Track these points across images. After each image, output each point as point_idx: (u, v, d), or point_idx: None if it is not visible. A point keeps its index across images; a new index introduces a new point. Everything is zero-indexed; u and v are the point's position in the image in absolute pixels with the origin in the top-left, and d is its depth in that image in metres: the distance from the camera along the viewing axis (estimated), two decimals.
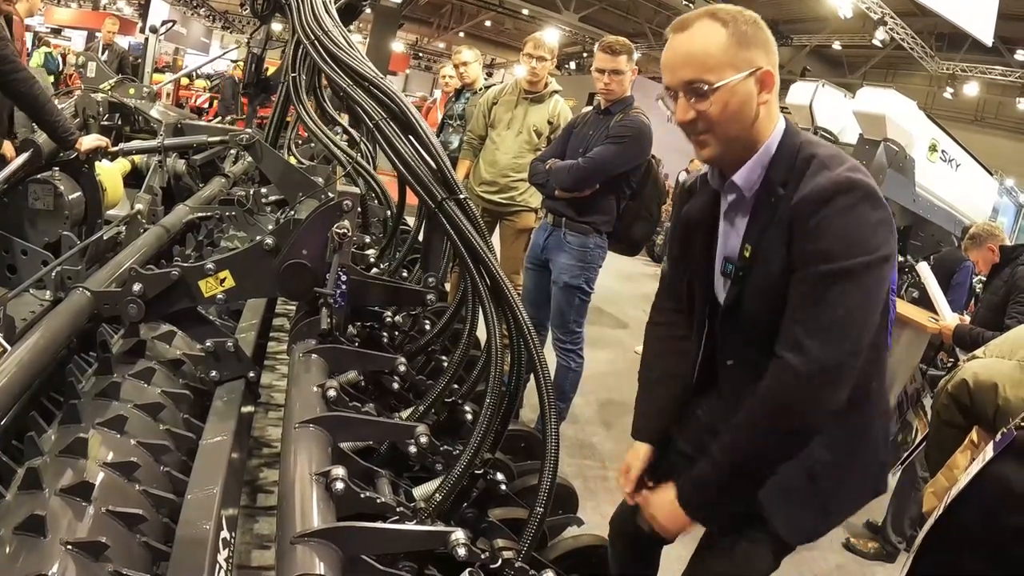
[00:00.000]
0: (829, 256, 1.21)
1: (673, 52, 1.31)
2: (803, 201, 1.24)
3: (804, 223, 1.23)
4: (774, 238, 1.29)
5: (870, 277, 1.23)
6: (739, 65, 1.26)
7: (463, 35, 25.28)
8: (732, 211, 1.40)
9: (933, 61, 15.99)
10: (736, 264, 1.37)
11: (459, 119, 4.78)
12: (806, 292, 1.24)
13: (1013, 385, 1.49)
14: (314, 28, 2.09)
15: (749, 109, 1.29)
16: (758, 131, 1.32)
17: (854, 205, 1.21)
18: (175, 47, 19.82)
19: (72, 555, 1.08)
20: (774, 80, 1.30)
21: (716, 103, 1.26)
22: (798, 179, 1.27)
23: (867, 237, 1.22)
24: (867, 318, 1.24)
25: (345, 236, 1.61)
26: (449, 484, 1.30)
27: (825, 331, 1.22)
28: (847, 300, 1.21)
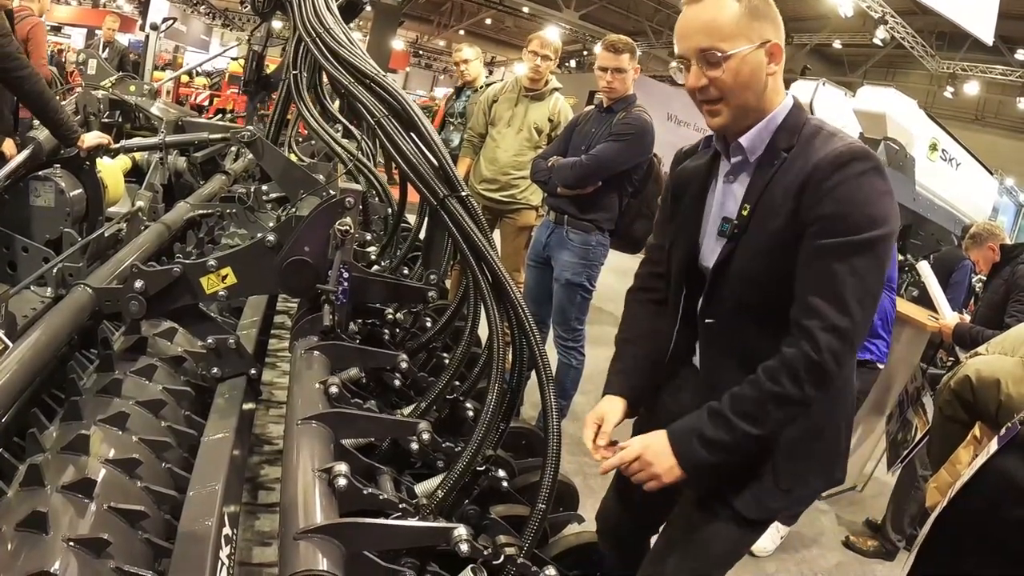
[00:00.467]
0: (848, 225, 1.24)
1: (687, 21, 1.35)
2: (820, 163, 1.27)
3: (819, 185, 1.26)
4: (777, 197, 1.32)
5: (883, 248, 1.27)
6: (751, 36, 1.30)
7: (463, 33, 25.26)
8: (733, 173, 1.43)
9: (933, 60, 15.99)
10: (732, 221, 1.40)
11: (460, 117, 4.79)
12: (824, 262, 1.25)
13: (1015, 381, 1.49)
14: (315, 25, 2.09)
15: (759, 79, 1.33)
16: (767, 100, 1.36)
17: (867, 172, 1.25)
18: (175, 45, 19.80)
19: (74, 552, 1.08)
20: (782, 53, 1.34)
21: (728, 71, 1.30)
22: (804, 146, 1.32)
23: (882, 208, 1.25)
24: (880, 287, 1.28)
25: (347, 233, 1.61)
26: (451, 481, 1.31)
27: (846, 301, 1.24)
28: (866, 271, 1.24)
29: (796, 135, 1.35)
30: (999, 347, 1.62)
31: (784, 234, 1.30)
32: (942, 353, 3.98)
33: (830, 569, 2.95)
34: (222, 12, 24.96)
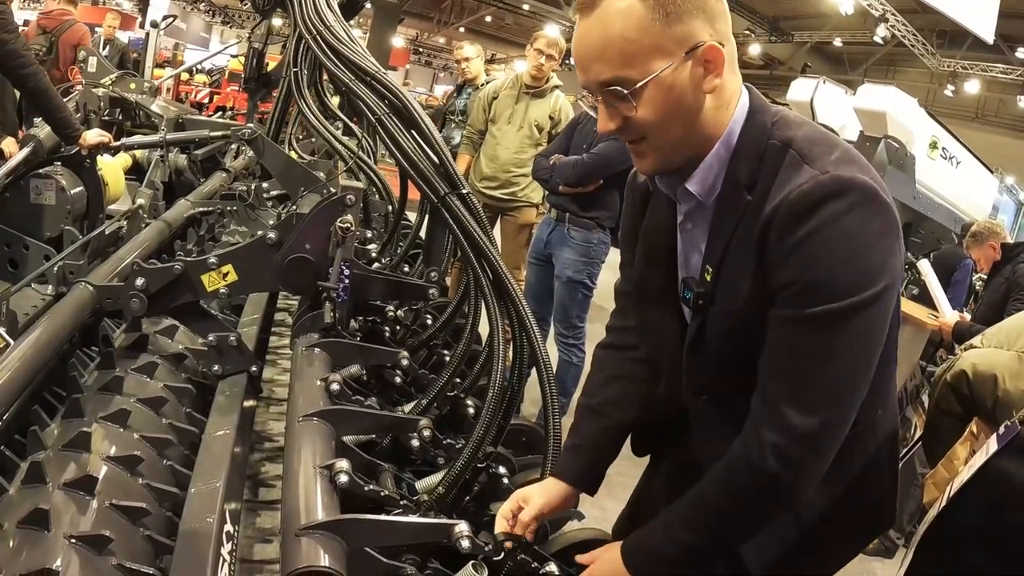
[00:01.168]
0: (821, 292, 0.93)
1: (580, 43, 1.00)
2: (778, 211, 0.95)
3: (780, 241, 0.95)
4: (740, 257, 1.01)
5: (873, 313, 0.95)
6: (668, 48, 0.95)
7: (463, 30, 25.24)
8: (689, 222, 1.12)
9: (934, 58, 15.98)
10: (695, 290, 1.10)
11: (461, 114, 4.79)
12: (791, 343, 0.97)
13: (1012, 376, 1.48)
14: (316, 23, 2.09)
15: (691, 102, 0.99)
16: (709, 124, 1.02)
17: (847, 212, 0.92)
18: (175, 42, 19.77)
19: (76, 549, 1.08)
20: (722, 55, 0.98)
21: (644, 104, 0.97)
22: (770, 177, 0.98)
23: (869, 259, 0.93)
24: (870, 366, 0.98)
25: (348, 230, 1.61)
26: (451, 477, 1.31)
27: (817, 398, 0.96)
28: (847, 351, 0.95)
29: (759, 160, 1.00)
30: (995, 339, 1.61)
31: (755, 305, 1.00)
32: (942, 351, 4.00)
33: None
34: (222, 9, 24.93)
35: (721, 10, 0.99)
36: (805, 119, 1.07)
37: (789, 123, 1.03)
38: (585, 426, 1.30)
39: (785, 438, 0.98)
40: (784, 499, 1.04)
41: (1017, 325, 1.65)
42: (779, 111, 1.06)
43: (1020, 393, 1.47)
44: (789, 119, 1.04)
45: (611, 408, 1.30)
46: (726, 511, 1.06)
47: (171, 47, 17.72)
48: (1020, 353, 1.54)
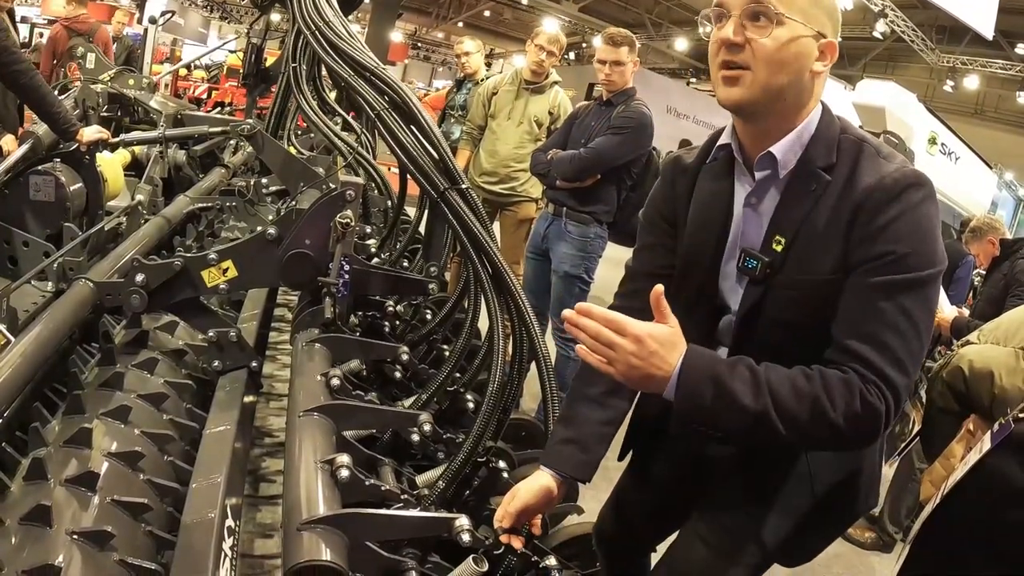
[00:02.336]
0: (908, 262, 1.05)
1: None
2: (871, 193, 1.07)
3: (872, 219, 1.06)
4: (824, 231, 1.10)
5: (936, 287, 1.10)
6: (810, 16, 1.09)
7: (462, 25, 25.19)
8: (755, 196, 1.18)
9: (933, 54, 15.96)
10: (762, 260, 1.14)
11: (460, 109, 4.79)
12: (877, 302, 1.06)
13: (1009, 373, 1.48)
14: (314, 18, 2.09)
15: (802, 67, 1.10)
16: (801, 100, 1.13)
17: (923, 201, 1.07)
18: (173, 38, 19.73)
19: (78, 545, 1.09)
20: (836, 53, 1.12)
21: (775, 38, 1.07)
22: (849, 164, 1.11)
23: (935, 243, 1.08)
24: (929, 339, 1.10)
25: (348, 226, 1.61)
26: (452, 472, 1.31)
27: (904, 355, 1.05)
28: (920, 314, 1.07)
29: (834, 150, 1.12)
30: (992, 335, 1.61)
31: (834, 278, 1.09)
32: (940, 347, 4.00)
33: (827, 560, 2.96)
34: (220, 5, 24.87)
35: (839, 26, 1.14)
36: None
37: (855, 129, 1.17)
38: (583, 417, 1.27)
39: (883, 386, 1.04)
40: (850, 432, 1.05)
41: (1014, 321, 1.65)
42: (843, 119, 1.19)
43: (1017, 390, 1.47)
44: (851, 125, 1.18)
45: (612, 399, 1.28)
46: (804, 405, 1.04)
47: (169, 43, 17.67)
48: (1017, 349, 1.54)
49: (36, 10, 17.89)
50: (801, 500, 1.22)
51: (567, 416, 1.30)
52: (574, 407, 1.29)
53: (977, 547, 1.09)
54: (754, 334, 1.17)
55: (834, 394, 1.04)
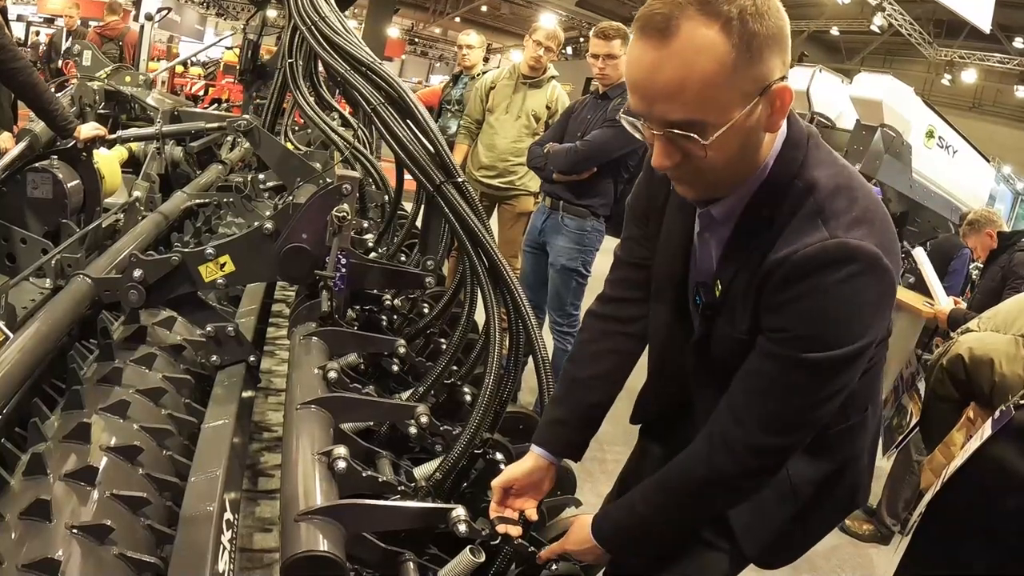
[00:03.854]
0: (805, 343, 0.96)
1: (648, 76, 0.90)
2: (783, 265, 0.96)
3: (775, 293, 0.97)
4: (743, 290, 1.04)
5: (854, 364, 0.99)
6: (747, 89, 0.89)
7: (459, 20, 25.14)
8: (707, 232, 1.12)
9: (931, 48, 15.96)
10: (704, 300, 1.13)
11: (457, 104, 4.80)
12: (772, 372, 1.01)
13: (1009, 360, 1.49)
14: (310, 13, 2.09)
15: (754, 141, 0.96)
16: (757, 161, 1.00)
17: (846, 280, 0.93)
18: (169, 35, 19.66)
19: (77, 539, 1.09)
20: (791, 94, 0.93)
21: (714, 148, 0.91)
22: (786, 220, 0.98)
23: (857, 321, 0.96)
24: (835, 402, 1.02)
25: (344, 219, 1.62)
26: (449, 463, 1.32)
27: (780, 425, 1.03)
28: (816, 391, 1.00)
29: (784, 198, 0.99)
30: (991, 323, 1.61)
31: (751, 334, 1.04)
32: (937, 339, 4.01)
33: (825, 553, 2.97)
34: (216, 1, 24.79)
35: (788, 40, 0.94)
36: (833, 155, 1.05)
37: (818, 162, 1.01)
38: (571, 399, 1.30)
39: (745, 450, 1.05)
40: (731, 499, 1.14)
41: (1014, 308, 1.66)
42: (813, 142, 1.03)
43: (1017, 377, 1.47)
44: (819, 157, 1.02)
45: (600, 383, 1.30)
46: (681, 496, 1.13)
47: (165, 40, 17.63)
48: (1017, 336, 1.54)
49: (32, 8, 17.85)
50: (782, 510, 1.21)
51: (558, 397, 1.32)
52: (565, 389, 1.31)
53: (976, 533, 1.10)
54: (709, 361, 1.16)
55: (686, 475, 1.11)
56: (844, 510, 1.30)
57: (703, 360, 1.17)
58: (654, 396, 1.37)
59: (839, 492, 1.25)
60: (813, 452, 1.17)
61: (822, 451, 1.19)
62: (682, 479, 1.12)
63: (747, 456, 1.05)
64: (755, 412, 1.04)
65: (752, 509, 1.18)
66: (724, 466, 1.06)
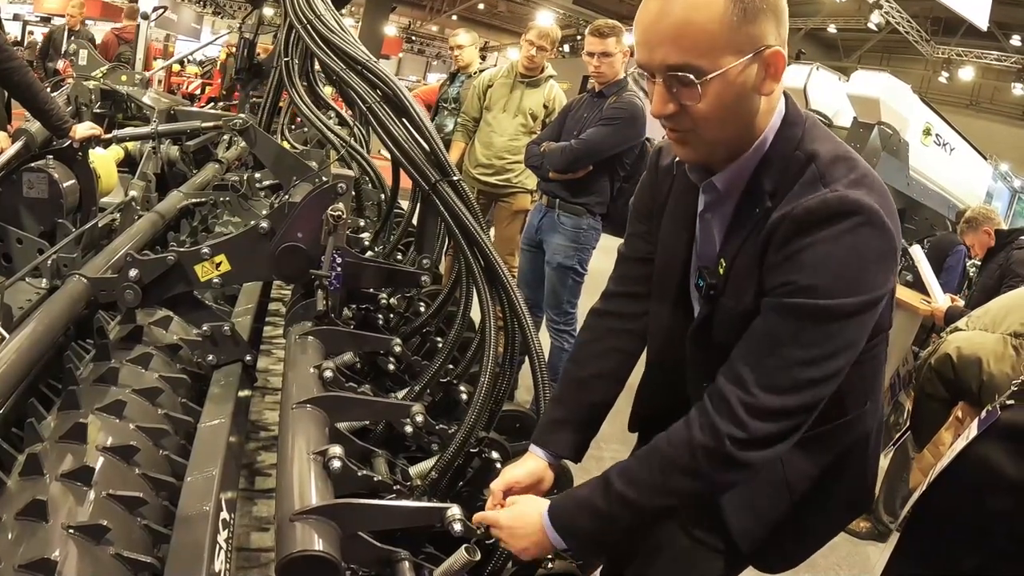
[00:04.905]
0: (808, 290, 0.95)
1: (650, 22, 0.98)
2: (784, 221, 0.98)
3: (779, 248, 0.98)
4: (749, 259, 1.04)
5: (856, 322, 0.98)
6: (742, 45, 0.95)
7: (456, 18, 25.11)
8: (710, 212, 1.13)
9: (928, 45, 15.97)
10: (708, 280, 1.12)
11: (454, 102, 4.84)
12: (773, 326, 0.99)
13: (997, 359, 1.49)
14: (306, 12, 2.08)
15: (749, 103, 1.00)
16: (755, 127, 1.03)
17: (848, 232, 0.95)
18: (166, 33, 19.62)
19: (74, 539, 1.09)
20: (784, 62, 0.99)
21: (708, 97, 0.97)
22: (789, 188, 1.01)
23: (861, 274, 0.96)
24: (838, 370, 0.99)
25: (340, 218, 1.62)
26: (444, 463, 1.32)
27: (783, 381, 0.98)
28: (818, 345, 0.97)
29: (785, 170, 1.02)
30: (980, 322, 1.62)
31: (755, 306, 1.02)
32: (934, 337, 4.02)
33: (823, 551, 2.93)
34: (212, 0, 24.73)
35: (786, 16, 1.00)
36: (831, 134, 1.08)
37: (816, 137, 1.05)
38: (572, 399, 1.29)
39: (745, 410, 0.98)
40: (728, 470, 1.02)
41: (1003, 307, 1.66)
42: (811, 122, 1.07)
43: (1005, 376, 1.47)
44: (817, 133, 1.06)
45: (601, 382, 1.29)
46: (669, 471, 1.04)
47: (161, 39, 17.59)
48: (1005, 336, 1.55)
49: (29, 8, 17.80)
50: (777, 507, 1.17)
51: (558, 397, 1.31)
52: (566, 388, 1.30)
53: (963, 533, 1.10)
54: (708, 348, 1.13)
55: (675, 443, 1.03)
56: (848, 510, 1.26)
57: (702, 350, 1.15)
58: (651, 394, 1.35)
59: (840, 491, 1.21)
60: (809, 447, 1.14)
61: (818, 445, 1.15)
62: (674, 449, 1.04)
63: (747, 417, 0.98)
64: (756, 367, 0.99)
65: (746, 505, 1.14)
66: (723, 429, 0.99)
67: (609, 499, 1.06)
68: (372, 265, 1.81)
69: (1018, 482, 0.99)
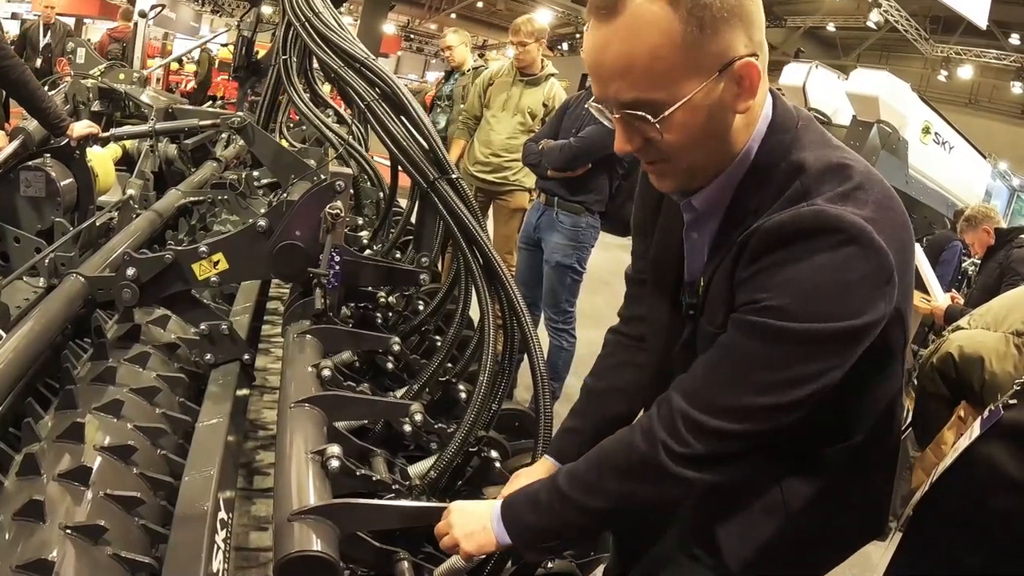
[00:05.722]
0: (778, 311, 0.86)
1: (597, 55, 0.88)
2: (755, 234, 0.89)
3: (748, 264, 0.90)
4: (722, 276, 0.96)
5: (829, 351, 0.88)
6: (704, 64, 0.85)
7: (455, 16, 25.09)
8: (695, 230, 1.06)
9: (928, 44, 15.98)
10: (687, 300, 1.08)
11: (447, 99, 4.96)
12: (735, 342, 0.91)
13: (999, 358, 1.48)
14: (304, 10, 2.08)
15: (723, 123, 0.91)
16: (733, 143, 0.94)
17: (826, 250, 0.84)
18: (164, 32, 19.57)
19: (71, 539, 1.09)
20: (758, 71, 0.87)
21: (673, 128, 0.88)
22: (772, 203, 0.92)
23: (841, 298, 0.85)
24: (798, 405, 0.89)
25: (338, 216, 1.61)
26: (443, 462, 1.31)
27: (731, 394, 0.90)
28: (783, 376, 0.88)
29: (770, 184, 0.93)
30: (982, 320, 1.61)
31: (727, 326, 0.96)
32: (932, 335, 4.01)
33: None
34: None
35: (758, 15, 0.88)
36: (828, 137, 0.99)
37: (808, 143, 0.95)
38: (588, 410, 1.28)
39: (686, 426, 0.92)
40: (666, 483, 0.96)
41: (1005, 305, 1.65)
42: (803, 125, 0.97)
43: (1007, 375, 1.47)
44: (810, 138, 0.96)
45: (617, 396, 1.27)
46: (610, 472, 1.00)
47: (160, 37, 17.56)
48: (1007, 334, 1.54)
49: (27, 6, 17.75)
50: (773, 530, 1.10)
51: (576, 409, 1.30)
52: (583, 400, 1.30)
53: (965, 533, 1.09)
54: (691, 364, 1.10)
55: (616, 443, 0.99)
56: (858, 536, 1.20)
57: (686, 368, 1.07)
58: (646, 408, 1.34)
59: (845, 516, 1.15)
60: (808, 469, 1.10)
61: (819, 468, 1.10)
62: (613, 449, 0.99)
63: (685, 431, 0.91)
64: (709, 383, 0.92)
65: (739, 526, 1.09)
66: (659, 437, 0.93)
67: (551, 494, 1.02)
68: (370, 263, 1.81)
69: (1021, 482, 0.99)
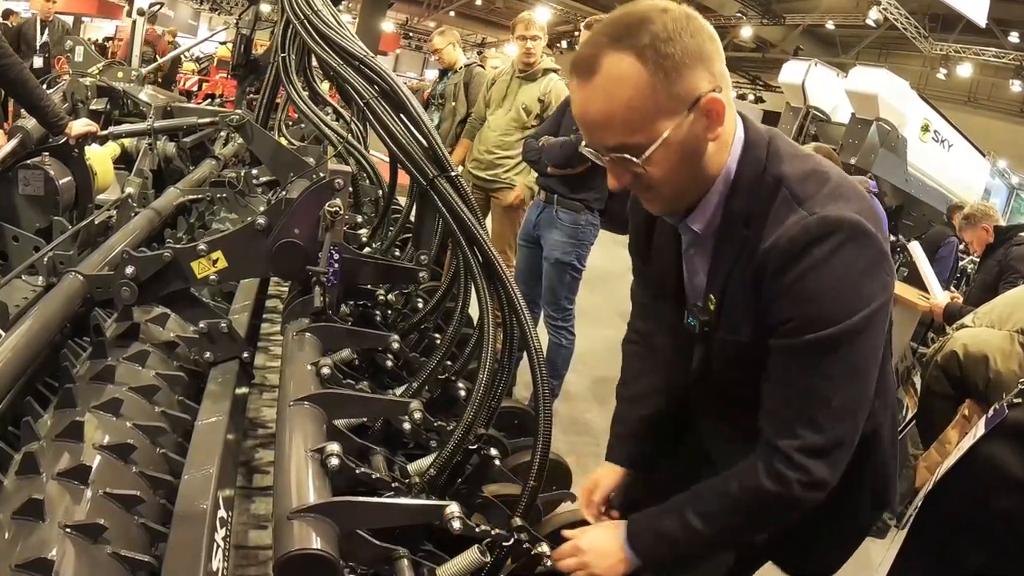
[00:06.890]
0: (815, 324, 1.00)
1: (583, 110, 1.03)
2: (771, 253, 1.01)
3: (775, 282, 1.02)
4: (740, 291, 1.09)
5: (867, 335, 1.02)
6: (674, 107, 0.98)
7: (453, 14, 25.07)
8: (692, 249, 1.18)
9: (927, 42, 15.98)
10: (700, 318, 1.17)
11: (440, 97, 5.03)
12: (791, 367, 1.04)
13: (1004, 357, 1.48)
14: (303, 8, 2.07)
15: (699, 153, 1.04)
16: (712, 166, 1.07)
17: (835, 251, 0.98)
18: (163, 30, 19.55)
19: (71, 538, 1.08)
20: (723, 103, 1.01)
21: (655, 164, 1.01)
22: (764, 213, 1.04)
23: (856, 290, 1.00)
24: (867, 383, 1.05)
25: (337, 214, 1.61)
26: (443, 459, 1.31)
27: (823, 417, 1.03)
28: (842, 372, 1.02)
29: (755, 195, 1.06)
30: (987, 318, 1.61)
31: (756, 335, 1.08)
32: (932, 334, 4.02)
33: None
34: None
35: (716, 50, 1.01)
36: (797, 148, 1.11)
37: (782, 156, 1.07)
38: (625, 415, 1.44)
39: (801, 454, 1.03)
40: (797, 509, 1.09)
41: (1009, 303, 1.65)
42: (773, 140, 1.10)
43: (1012, 374, 1.47)
44: (781, 151, 1.08)
45: (645, 399, 1.42)
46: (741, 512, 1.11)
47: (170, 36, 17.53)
48: (1012, 332, 1.54)
49: (25, 4, 17.71)
50: None
51: (616, 416, 1.47)
52: (619, 408, 1.47)
53: (970, 531, 1.10)
54: (710, 386, 1.22)
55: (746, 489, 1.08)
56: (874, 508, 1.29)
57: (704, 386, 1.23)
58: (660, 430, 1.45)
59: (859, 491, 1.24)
60: None
61: None
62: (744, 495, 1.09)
63: (806, 460, 1.04)
64: (794, 412, 1.04)
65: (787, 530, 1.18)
66: (790, 476, 1.04)
67: (687, 532, 1.13)
68: (370, 261, 1.80)
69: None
